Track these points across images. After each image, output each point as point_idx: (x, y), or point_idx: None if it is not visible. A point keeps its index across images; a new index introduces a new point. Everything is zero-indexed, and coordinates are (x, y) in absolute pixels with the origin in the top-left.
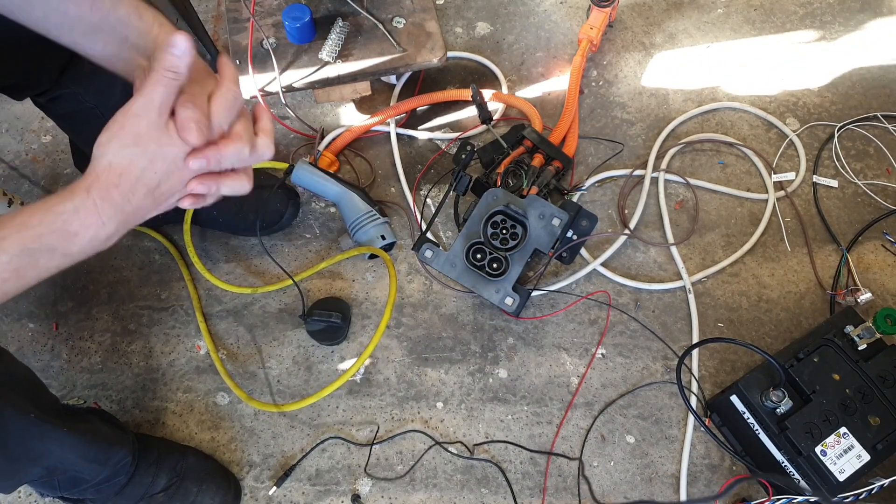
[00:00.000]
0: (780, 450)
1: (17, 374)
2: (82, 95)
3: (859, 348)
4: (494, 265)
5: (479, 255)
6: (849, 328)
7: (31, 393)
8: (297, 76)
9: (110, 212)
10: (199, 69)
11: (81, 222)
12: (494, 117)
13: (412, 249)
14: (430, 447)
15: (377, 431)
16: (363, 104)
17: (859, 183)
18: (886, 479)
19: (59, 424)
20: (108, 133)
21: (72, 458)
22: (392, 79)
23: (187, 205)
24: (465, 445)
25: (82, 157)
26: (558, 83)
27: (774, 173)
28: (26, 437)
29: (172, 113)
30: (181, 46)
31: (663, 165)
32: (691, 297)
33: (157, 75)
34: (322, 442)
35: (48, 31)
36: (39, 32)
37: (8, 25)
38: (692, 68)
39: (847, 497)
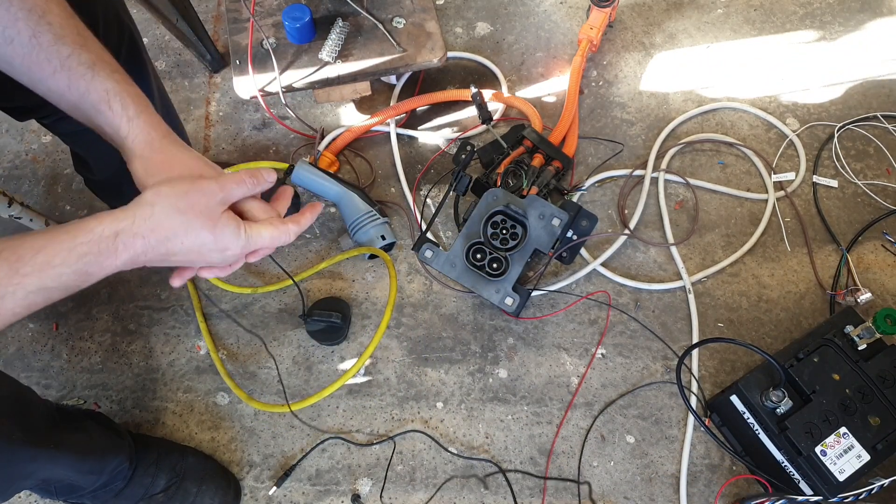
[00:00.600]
0: (780, 450)
1: (3, 393)
2: None
3: (859, 348)
4: (494, 265)
5: (479, 255)
6: (849, 328)
7: (18, 412)
8: (297, 76)
9: (125, 257)
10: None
11: (100, 265)
12: (494, 117)
13: (412, 249)
14: (435, 449)
15: (377, 431)
16: (363, 104)
17: (859, 183)
18: (886, 479)
19: (48, 443)
20: (168, 190)
21: (65, 473)
22: (392, 79)
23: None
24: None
25: (82, 163)
26: (558, 83)
27: (774, 173)
28: (15, 461)
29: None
30: (271, 180)
31: (663, 165)
32: (691, 297)
33: (241, 177)
34: (322, 442)
35: (38, 91)
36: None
37: None
38: (692, 68)
39: (847, 497)
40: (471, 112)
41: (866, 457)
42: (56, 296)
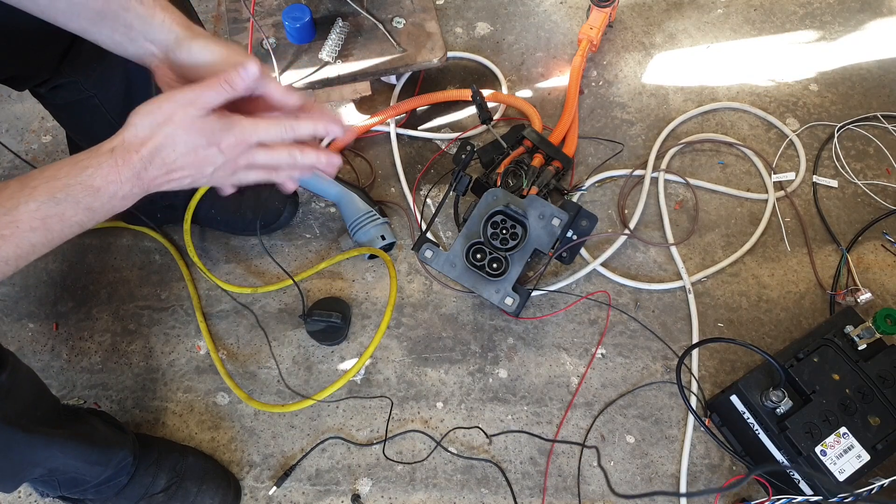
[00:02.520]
0: (780, 450)
1: (21, 380)
2: (82, 84)
3: (859, 348)
4: (494, 265)
5: (479, 255)
6: (849, 328)
7: (34, 400)
8: (297, 76)
9: (128, 173)
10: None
11: (104, 178)
12: (494, 117)
13: (412, 249)
14: (434, 449)
15: (377, 431)
16: (363, 104)
17: (859, 183)
18: (886, 479)
19: (59, 430)
20: (146, 108)
21: (74, 463)
22: (392, 79)
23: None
24: (483, 431)
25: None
26: (558, 83)
27: (774, 173)
28: (28, 447)
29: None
30: (250, 72)
31: (663, 165)
32: (691, 297)
33: (214, 81)
34: (322, 442)
35: (56, 19)
36: (48, 20)
37: (9, 15)
38: (692, 68)
39: (847, 497)
40: (471, 112)
41: (866, 457)
42: (70, 213)
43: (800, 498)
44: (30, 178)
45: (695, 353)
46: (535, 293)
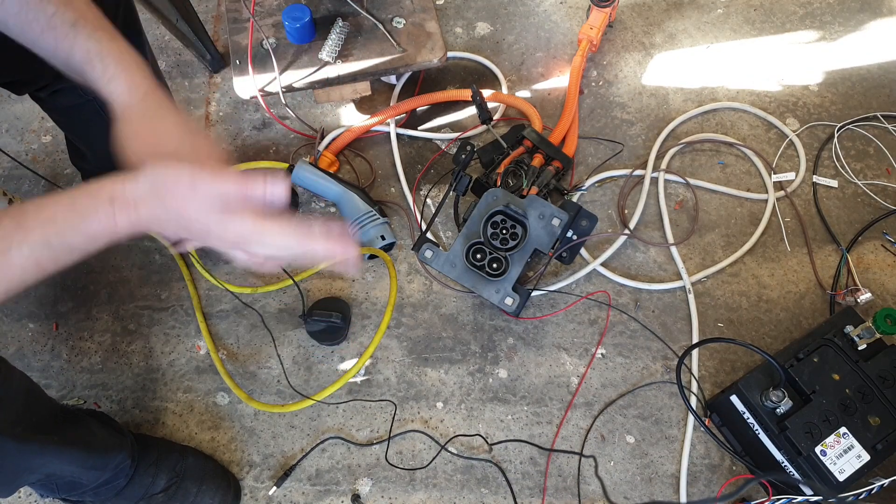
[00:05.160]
0: (780, 450)
1: (14, 388)
2: (82, 88)
3: (859, 348)
4: (494, 265)
5: (479, 255)
6: (849, 328)
7: (28, 407)
8: (297, 76)
9: (124, 223)
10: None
11: (100, 225)
12: (494, 117)
13: (412, 249)
14: (439, 452)
15: (377, 431)
16: (363, 104)
17: (859, 183)
18: (886, 479)
19: (54, 437)
20: (160, 173)
21: (70, 468)
22: (392, 79)
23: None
24: (484, 439)
25: (79, 155)
26: (558, 83)
27: (774, 173)
28: (23, 454)
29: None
30: (278, 195)
31: (663, 165)
32: (691, 297)
33: (237, 183)
34: (322, 442)
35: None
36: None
37: None
38: (692, 68)
39: (847, 497)
40: (471, 112)
41: (866, 457)
42: (64, 256)
43: (800, 498)
44: (24, 215)
45: (695, 353)
46: (535, 293)
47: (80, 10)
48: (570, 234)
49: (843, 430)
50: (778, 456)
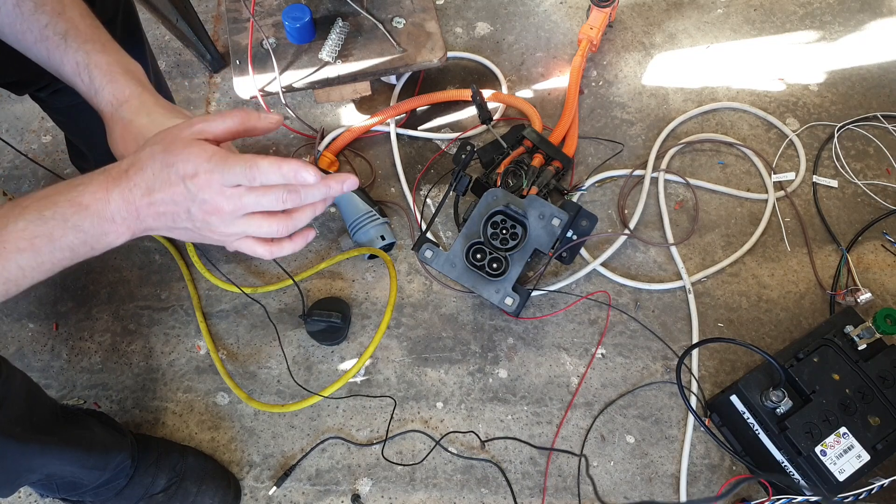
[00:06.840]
0: (780, 450)
1: (16, 388)
2: None
3: (859, 348)
4: (494, 265)
5: (479, 255)
6: (849, 328)
7: (28, 406)
8: (297, 76)
9: (116, 192)
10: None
11: (92, 195)
12: (494, 117)
13: (412, 249)
14: (433, 448)
15: (377, 431)
16: (363, 104)
17: (859, 183)
18: (886, 479)
19: (55, 437)
20: (153, 139)
21: (70, 468)
22: (392, 79)
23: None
24: (477, 435)
25: (79, 155)
26: (558, 83)
27: (774, 173)
28: (24, 454)
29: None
30: (273, 121)
31: (663, 165)
32: (691, 297)
33: (226, 117)
34: (322, 442)
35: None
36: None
37: None
38: (692, 68)
39: (847, 497)
40: (471, 112)
41: (866, 457)
42: (59, 233)
43: (800, 498)
44: (23, 198)
45: (695, 353)
46: (535, 293)
47: (72, 21)
48: (570, 234)
49: (843, 430)
50: (778, 456)
